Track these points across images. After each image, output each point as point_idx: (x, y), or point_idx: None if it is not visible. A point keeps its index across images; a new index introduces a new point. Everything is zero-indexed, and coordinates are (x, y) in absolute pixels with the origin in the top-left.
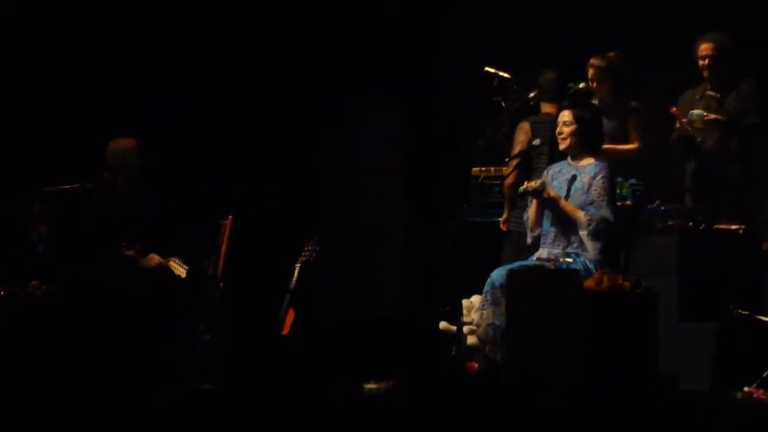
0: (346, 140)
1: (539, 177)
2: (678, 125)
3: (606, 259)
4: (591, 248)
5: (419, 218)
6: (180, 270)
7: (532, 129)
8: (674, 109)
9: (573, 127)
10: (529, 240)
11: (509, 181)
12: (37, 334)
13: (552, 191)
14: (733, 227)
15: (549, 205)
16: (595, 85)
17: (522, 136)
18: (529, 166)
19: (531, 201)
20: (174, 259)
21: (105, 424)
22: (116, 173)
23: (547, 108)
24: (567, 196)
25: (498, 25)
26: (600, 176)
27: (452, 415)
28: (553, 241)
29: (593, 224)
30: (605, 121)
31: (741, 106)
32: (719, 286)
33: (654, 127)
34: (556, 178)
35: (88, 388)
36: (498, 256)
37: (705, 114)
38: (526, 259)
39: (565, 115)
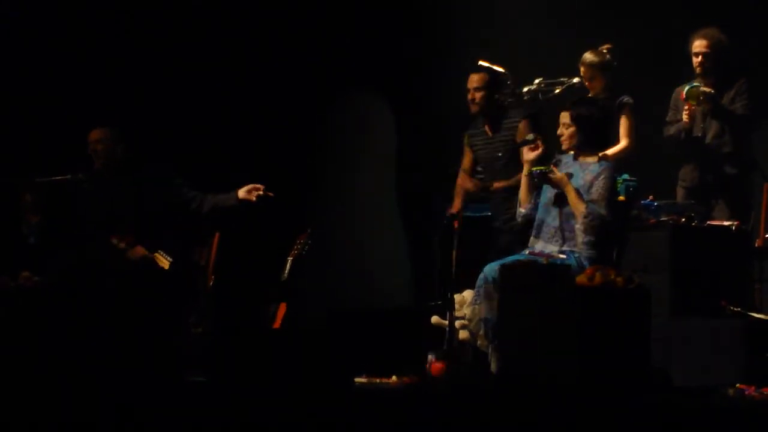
0: (339, 134)
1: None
2: (686, 115)
3: (596, 256)
4: (580, 239)
5: (410, 212)
6: (164, 261)
7: (469, 140)
8: (688, 105)
9: (572, 129)
10: (518, 218)
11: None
12: (28, 325)
13: (559, 173)
14: (726, 223)
15: (555, 186)
16: (588, 83)
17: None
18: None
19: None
20: (159, 251)
21: (94, 416)
22: (98, 163)
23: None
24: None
25: (491, 18)
26: (602, 177)
27: (443, 410)
28: (552, 237)
29: (590, 218)
30: None
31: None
32: (711, 282)
33: (647, 123)
34: (560, 169)
35: (77, 379)
36: (489, 251)
37: (698, 84)
38: (506, 256)
39: (564, 117)
